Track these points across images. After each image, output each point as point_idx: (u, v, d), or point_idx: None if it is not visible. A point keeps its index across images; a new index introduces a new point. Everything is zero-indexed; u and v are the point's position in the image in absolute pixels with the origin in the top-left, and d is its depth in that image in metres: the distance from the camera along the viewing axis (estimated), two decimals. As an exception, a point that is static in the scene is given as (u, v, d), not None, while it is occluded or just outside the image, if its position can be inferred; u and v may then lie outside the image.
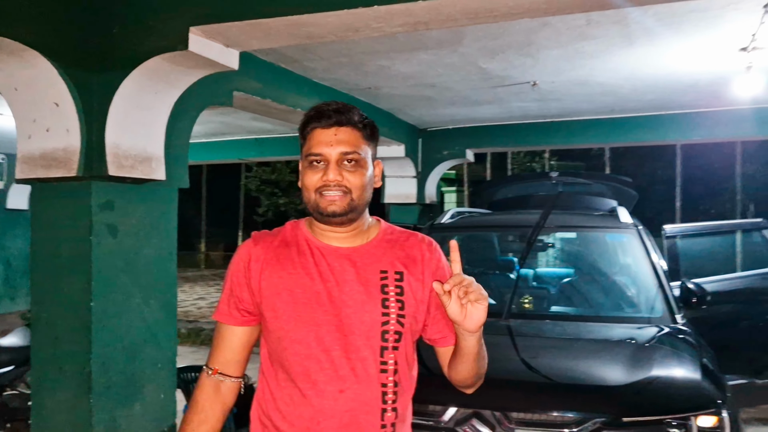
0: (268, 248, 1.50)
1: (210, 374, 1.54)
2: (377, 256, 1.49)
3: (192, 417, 1.53)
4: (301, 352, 1.42)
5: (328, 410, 1.40)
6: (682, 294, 3.57)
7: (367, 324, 1.42)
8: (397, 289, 1.46)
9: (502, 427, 2.46)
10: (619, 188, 5.39)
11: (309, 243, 1.49)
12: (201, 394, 1.54)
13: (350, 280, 1.45)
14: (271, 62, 4.57)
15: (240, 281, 1.50)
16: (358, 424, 1.41)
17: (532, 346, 3.13)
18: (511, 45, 4.29)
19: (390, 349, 1.44)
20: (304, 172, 1.46)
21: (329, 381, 1.41)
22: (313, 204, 1.44)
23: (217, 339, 1.56)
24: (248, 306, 1.50)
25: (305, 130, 1.48)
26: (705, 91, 5.76)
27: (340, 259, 1.47)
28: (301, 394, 1.42)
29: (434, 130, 7.92)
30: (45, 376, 3.24)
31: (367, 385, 1.42)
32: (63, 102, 3.00)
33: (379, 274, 1.46)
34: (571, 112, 6.93)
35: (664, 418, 2.42)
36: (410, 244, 1.53)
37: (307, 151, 1.45)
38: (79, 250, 3.12)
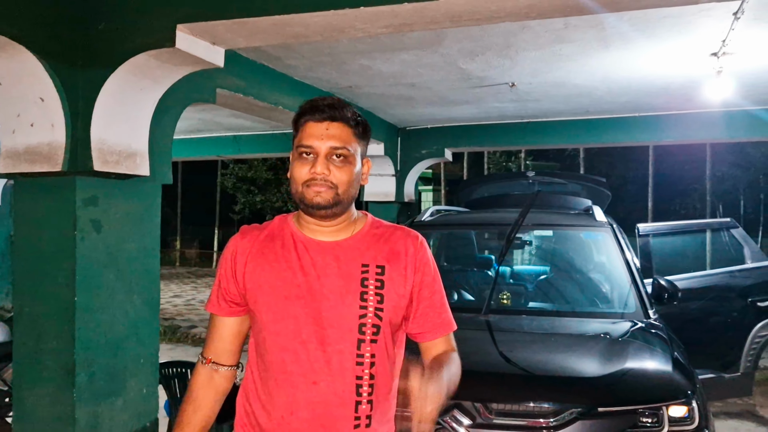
0: (254, 241, 1.54)
1: (204, 363, 1.59)
2: (360, 250, 1.51)
3: (187, 405, 1.57)
4: (279, 343, 1.46)
5: (302, 401, 1.44)
6: (654, 290, 3.70)
7: (345, 317, 1.45)
8: (377, 282, 1.48)
9: (482, 417, 2.54)
10: (594, 188, 5.53)
11: (294, 237, 1.52)
12: (195, 383, 1.59)
13: (331, 273, 1.47)
14: (254, 60, 4.59)
15: (227, 273, 1.55)
16: (330, 415, 1.43)
17: (511, 340, 3.22)
18: (490, 47, 4.38)
19: (367, 342, 1.46)
20: (293, 164, 1.49)
21: (303, 373, 1.44)
22: (300, 195, 1.47)
23: (210, 329, 1.61)
24: (235, 297, 1.54)
25: (298, 122, 1.51)
26: (677, 94, 5.91)
27: (323, 252, 1.50)
28: (277, 384, 1.46)
29: (413, 129, 7.99)
30: (27, 371, 3.23)
31: (340, 378, 1.44)
32: (48, 97, 3.00)
33: (361, 268, 1.48)
34: (548, 113, 7.05)
35: (637, 407, 2.52)
36: (395, 238, 1.55)
37: (298, 143, 1.48)
38: (63, 245, 3.12)
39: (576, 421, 2.48)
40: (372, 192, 7.99)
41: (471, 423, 2.53)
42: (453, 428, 2.53)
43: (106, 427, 3.27)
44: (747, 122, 6.69)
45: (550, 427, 2.49)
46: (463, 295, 4.08)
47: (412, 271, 1.53)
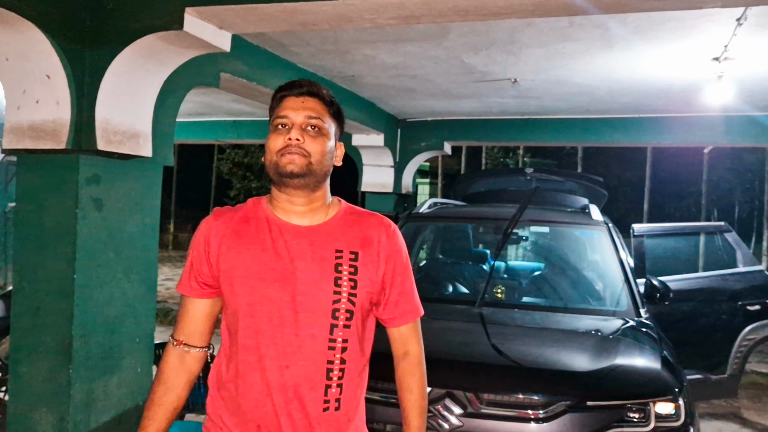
0: (228, 223, 1.54)
1: (175, 345, 1.58)
2: (334, 236, 1.53)
3: (157, 387, 1.57)
4: (253, 326, 1.46)
5: (275, 384, 1.45)
6: (646, 290, 3.75)
7: (319, 301, 1.47)
8: (351, 268, 1.50)
9: (473, 407, 2.59)
10: (591, 187, 5.57)
11: (268, 220, 1.53)
12: (166, 364, 1.58)
13: (305, 258, 1.48)
14: (258, 45, 4.60)
15: (200, 255, 1.54)
16: (301, 398, 1.46)
17: (503, 333, 3.27)
18: (495, 42, 4.40)
19: (340, 327, 1.48)
20: (269, 138, 1.52)
21: (276, 356, 1.45)
22: (273, 165, 1.49)
23: (181, 311, 1.60)
24: (207, 279, 1.54)
25: (275, 98, 1.55)
26: (677, 97, 5.95)
27: (298, 237, 1.50)
28: (251, 367, 1.47)
29: (413, 121, 8.01)
30: (25, 346, 3.26)
31: (312, 362, 1.46)
32: (54, 74, 3.01)
33: (335, 253, 1.50)
34: (548, 111, 7.08)
35: (625, 402, 2.57)
36: (369, 224, 1.58)
37: (275, 116, 1.52)
38: (65, 223, 3.14)
39: (565, 414, 2.53)
40: (370, 183, 8.01)
41: (462, 412, 2.58)
42: (444, 416, 2.58)
43: (100, 404, 3.31)
44: (746, 127, 6.74)
45: (540, 418, 2.53)
46: (458, 288, 4.13)
47: (384, 258, 1.56)
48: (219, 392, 1.55)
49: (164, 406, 1.55)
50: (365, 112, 6.83)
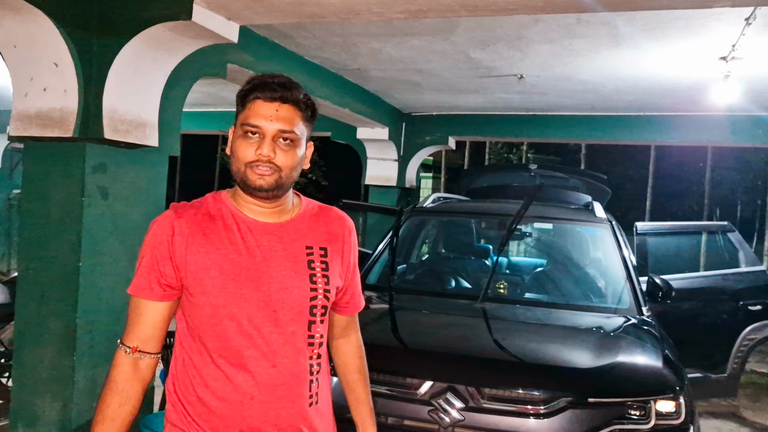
0: (192, 221, 1.45)
1: (128, 353, 1.46)
2: (302, 232, 1.52)
3: (112, 398, 1.44)
4: (233, 328, 1.42)
5: (263, 385, 1.42)
6: (649, 288, 3.75)
7: (296, 299, 1.45)
8: (322, 264, 1.51)
9: (474, 401, 2.60)
10: (594, 184, 5.57)
11: (235, 217, 1.48)
12: (120, 374, 1.45)
13: (278, 256, 1.46)
14: (265, 37, 4.60)
15: (163, 255, 1.43)
16: (290, 396, 1.46)
17: (506, 328, 3.28)
18: (502, 37, 4.39)
19: (317, 323, 1.49)
20: (236, 141, 1.44)
21: (262, 356, 1.42)
22: (242, 176, 1.43)
23: (135, 315, 1.47)
24: (171, 281, 1.44)
25: (247, 98, 1.44)
26: (683, 95, 5.94)
27: (267, 234, 1.48)
28: (235, 369, 1.42)
29: (418, 115, 8.01)
30: (29, 333, 3.28)
31: (297, 359, 1.46)
32: (63, 62, 3.02)
33: (305, 250, 1.50)
34: (553, 107, 7.08)
35: (626, 400, 2.58)
36: (332, 219, 1.59)
37: (244, 120, 1.42)
38: (70, 210, 3.16)
39: (566, 410, 2.54)
40: (373, 176, 8.01)
41: (463, 406, 2.59)
42: (445, 410, 2.59)
43: (103, 391, 3.33)
44: (751, 127, 6.73)
45: (540, 414, 2.54)
46: (461, 283, 4.13)
47: (347, 252, 1.60)
48: (184, 400, 1.47)
49: (120, 419, 1.44)
50: (370, 105, 6.82)
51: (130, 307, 1.49)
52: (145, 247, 1.46)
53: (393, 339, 3.11)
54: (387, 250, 3.99)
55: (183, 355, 1.49)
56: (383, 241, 4.15)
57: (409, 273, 4.39)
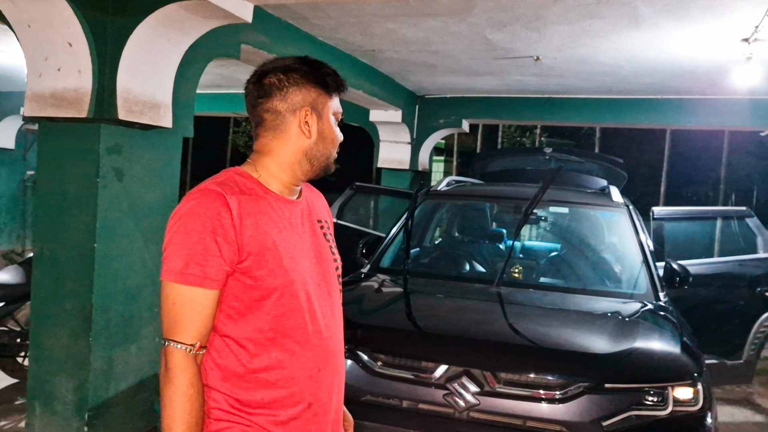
0: (240, 200, 1.37)
1: (192, 351, 1.32)
2: (310, 207, 1.57)
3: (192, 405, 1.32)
4: (297, 306, 1.41)
5: (325, 355, 1.47)
6: (666, 274, 3.71)
7: (330, 272, 1.54)
8: (331, 236, 1.60)
9: (489, 386, 2.58)
10: (610, 168, 5.50)
11: (267, 194, 1.45)
12: (192, 377, 1.32)
13: (306, 231, 1.50)
14: (279, 17, 4.55)
15: (227, 238, 1.32)
16: (341, 364, 1.55)
17: (521, 313, 3.25)
18: (519, 18, 4.32)
19: (340, 291, 1.60)
20: (331, 128, 1.50)
21: (322, 329, 1.47)
22: (329, 158, 1.51)
23: (190, 309, 1.32)
24: (233, 266, 1.35)
25: (339, 88, 1.51)
26: (703, 78, 5.84)
27: (294, 211, 1.49)
28: (301, 346, 1.42)
29: (432, 97, 7.94)
30: (45, 313, 3.30)
31: (340, 328, 1.56)
32: (77, 42, 3.00)
33: (317, 224, 1.56)
34: (570, 90, 6.99)
35: (643, 386, 2.55)
36: (317, 194, 1.66)
37: (338, 110, 1.52)
38: (86, 191, 3.16)
39: (582, 396, 2.52)
40: (386, 159, 7.97)
41: (478, 390, 2.57)
42: (460, 394, 2.58)
43: (119, 372, 3.35)
44: (773, 111, 6.61)
45: (556, 399, 2.52)
46: (475, 267, 4.10)
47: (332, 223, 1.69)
48: (236, 390, 1.38)
49: (201, 425, 1.35)
50: (384, 87, 6.76)
51: (179, 301, 1.32)
52: (197, 231, 1.31)
53: (408, 323, 3.10)
54: (401, 234, 3.97)
55: (225, 344, 1.39)
56: (397, 225, 4.12)
57: (423, 257, 4.37)
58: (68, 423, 3.23)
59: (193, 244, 1.31)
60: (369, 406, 2.70)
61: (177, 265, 1.32)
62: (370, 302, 3.24)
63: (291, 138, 1.46)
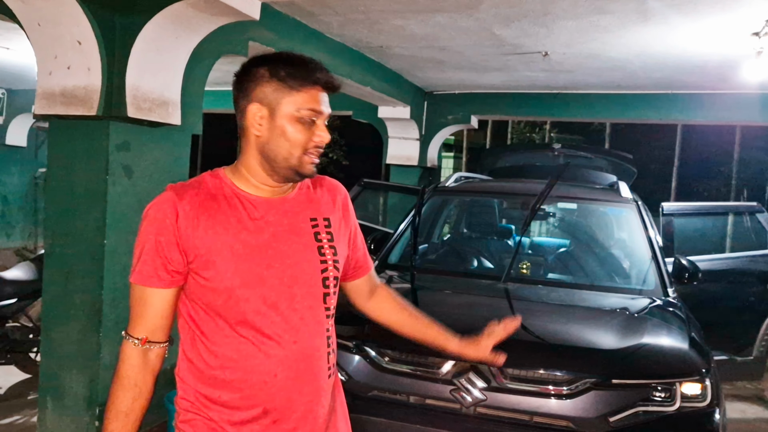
0: (195, 202, 1.38)
1: (137, 344, 1.40)
2: (304, 204, 1.50)
3: (124, 394, 1.40)
4: (250, 308, 1.38)
5: (285, 362, 1.41)
6: (675, 270, 3.69)
7: (308, 273, 1.44)
8: (328, 235, 1.50)
9: (497, 381, 2.58)
10: (620, 164, 5.48)
11: (237, 195, 1.43)
12: (130, 368, 1.41)
13: (284, 231, 1.44)
14: (287, 14, 4.56)
15: (169, 240, 1.36)
16: (311, 371, 1.45)
17: (529, 308, 3.25)
18: (527, 13, 4.31)
19: (331, 294, 1.49)
20: (290, 125, 1.39)
21: (282, 333, 1.40)
22: (295, 163, 1.40)
23: (140, 305, 1.41)
24: (178, 266, 1.38)
25: (306, 81, 1.39)
26: (713, 73, 5.80)
27: (272, 210, 1.44)
28: (257, 349, 1.39)
29: (440, 93, 7.92)
30: (56, 309, 3.33)
31: (315, 333, 1.45)
32: (86, 40, 3.02)
33: (310, 222, 1.48)
34: (579, 85, 6.95)
35: (651, 382, 2.55)
36: (326, 188, 1.58)
37: (306, 106, 1.38)
38: (95, 188, 3.18)
39: (589, 391, 2.51)
40: (395, 155, 7.97)
41: (486, 386, 2.58)
42: (468, 390, 2.58)
43: (129, 367, 3.37)
44: (784, 106, 6.55)
45: (564, 394, 2.53)
46: (483, 263, 4.10)
47: (347, 217, 1.60)
48: (198, 384, 1.43)
49: (134, 414, 1.40)
50: (392, 83, 6.76)
51: (133, 297, 1.41)
52: (146, 233, 1.37)
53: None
54: (409, 230, 3.97)
55: (194, 337, 1.43)
56: (405, 221, 4.13)
57: (430, 253, 4.37)
58: (79, 417, 3.27)
59: (141, 245, 1.39)
60: (376, 401, 2.72)
61: (133, 264, 1.41)
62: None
63: (249, 136, 1.43)
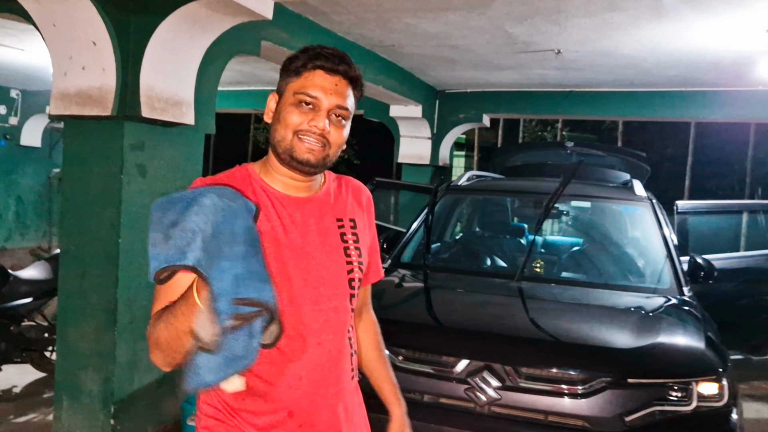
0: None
1: None
2: (331, 205, 1.48)
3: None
4: None
5: (310, 363, 1.38)
6: (690, 268, 3.66)
7: (335, 274, 1.42)
8: (353, 236, 1.47)
9: (511, 380, 2.57)
10: (633, 162, 5.44)
11: (266, 192, 1.40)
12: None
13: (311, 230, 1.41)
14: (299, 14, 4.57)
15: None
16: (336, 372, 1.43)
17: (543, 307, 3.24)
18: (539, 11, 4.29)
19: (356, 296, 1.47)
20: (286, 108, 1.36)
21: (307, 335, 1.38)
22: (288, 145, 1.35)
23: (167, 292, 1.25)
24: None
25: (306, 66, 1.36)
26: (728, 70, 5.74)
27: (300, 209, 1.42)
28: (280, 351, 1.35)
29: (452, 92, 7.91)
30: (71, 308, 3.36)
31: (339, 334, 1.43)
32: (100, 41, 3.04)
33: (336, 223, 1.46)
34: (591, 83, 6.92)
35: (667, 381, 2.52)
36: (354, 190, 1.55)
37: (301, 89, 1.35)
38: (110, 188, 3.21)
39: (604, 390, 2.50)
40: (406, 154, 7.96)
41: (500, 385, 2.57)
42: (482, 389, 2.58)
43: (144, 365, 3.40)
44: (800, 103, 6.48)
45: (578, 394, 2.51)
46: (496, 261, 4.09)
47: (370, 221, 1.57)
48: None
49: None
50: (404, 82, 6.76)
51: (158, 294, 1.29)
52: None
53: (429, 317, 3.10)
54: (421, 229, 3.97)
55: None
56: (417, 220, 4.13)
57: (443, 252, 4.36)
58: (95, 416, 3.29)
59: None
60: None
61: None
62: (390, 297, 3.25)
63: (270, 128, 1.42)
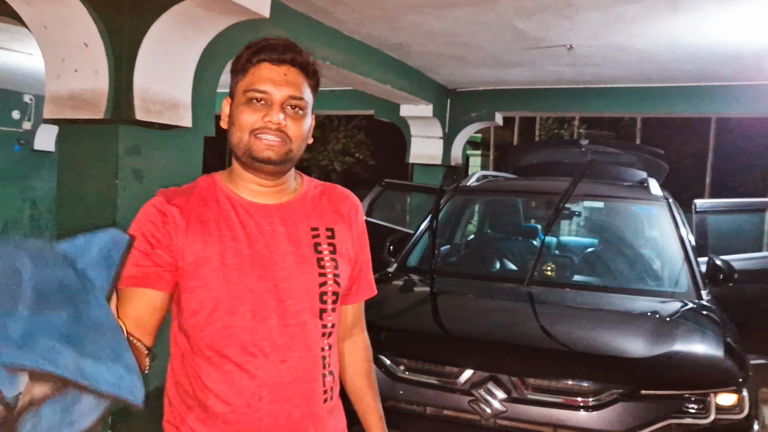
0: (184, 208, 1.30)
1: None
2: (306, 212, 1.38)
3: None
4: (236, 323, 1.27)
5: (271, 383, 1.28)
6: (709, 270, 3.51)
7: (305, 287, 1.32)
8: (330, 247, 1.37)
9: (518, 392, 2.46)
10: (650, 159, 5.28)
11: (231, 200, 1.33)
12: None
13: (280, 240, 1.32)
14: (302, 12, 4.47)
15: (158, 242, 1.26)
16: (302, 393, 1.32)
17: (553, 314, 3.11)
18: (549, 6, 4.15)
19: (329, 311, 1.35)
20: (238, 109, 1.29)
21: (269, 352, 1.28)
22: (245, 147, 1.29)
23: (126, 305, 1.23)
24: (168, 267, 1.27)
25: (249, 62, 1.30)
26: (748, 63, 5.56)
27: (268, 217, 1.33)
28: (240, 369, 1.28)
29: (463, 91, 7.78)
30: (68, 315, 3.29)
31: (308, 352, 1.32)
32: (92, 43, 2.97)
33: (311, 232, 1.36)
34: (606, 79, 6.75)
35: (683, 393, 2.39)
36: (337, 198, 1.45)
37: (249, 86, 1.29)
38: (105, 193, 3.13)
39: (616, 403, 2.37)
40: (418, 154, 7.85)
41: (506, 397, 2.45)
42: (487, 401, 2.46)
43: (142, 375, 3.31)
44: (823, 97, 6.26)
45: (589, 406, 2.38)
46: (506, 265, 3.96)
47: (355, 232, 1.46)
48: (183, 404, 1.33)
49: None
50: (413, 81, 6.64)
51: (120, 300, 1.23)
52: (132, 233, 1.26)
53: (432, 325, 2.98)
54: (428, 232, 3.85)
55: (180, 357, 1.33)
56: (424, 222, 4.01)
57: (452, 254, 4.25)
58: (93, 428, 3.21)
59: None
60: (391, 412, 2.58)
61: None
62: (393, 304, 3.14)
63: None
